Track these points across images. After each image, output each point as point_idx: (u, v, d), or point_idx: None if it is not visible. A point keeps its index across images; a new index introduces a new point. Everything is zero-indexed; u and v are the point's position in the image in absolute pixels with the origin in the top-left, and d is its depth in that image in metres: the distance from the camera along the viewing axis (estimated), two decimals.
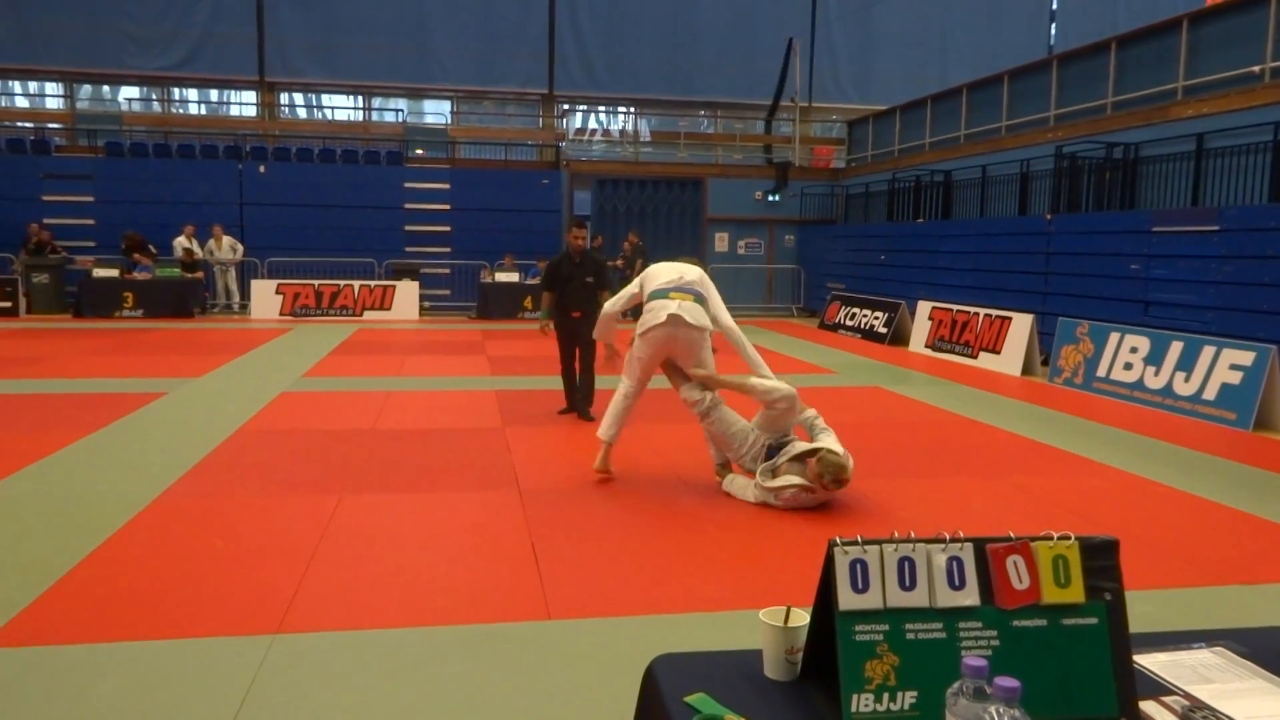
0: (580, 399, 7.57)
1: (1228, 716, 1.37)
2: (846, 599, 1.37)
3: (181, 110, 22.00)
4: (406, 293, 16.79)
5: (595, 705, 2.92)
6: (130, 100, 21.50)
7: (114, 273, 15.84)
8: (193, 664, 3.12)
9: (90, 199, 17.51)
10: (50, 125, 20.51)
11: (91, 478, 5.47)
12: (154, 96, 21.71)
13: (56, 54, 20.27)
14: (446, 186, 18.89)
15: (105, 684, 2.98)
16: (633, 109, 23.25)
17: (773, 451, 5.16)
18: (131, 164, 18.05)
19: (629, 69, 22.62)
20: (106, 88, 21.60)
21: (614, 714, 2.82)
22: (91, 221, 17.29)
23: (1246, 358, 7.83)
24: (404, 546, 4.34)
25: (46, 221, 17.13)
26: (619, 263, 17.38)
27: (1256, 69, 9.64)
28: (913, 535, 1.42)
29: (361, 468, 5.81)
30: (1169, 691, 1.45)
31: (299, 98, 22.54)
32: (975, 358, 11.54)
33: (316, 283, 16.66)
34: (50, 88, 21.41)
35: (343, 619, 3.51)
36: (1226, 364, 7.98)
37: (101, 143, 18.78)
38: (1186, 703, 1.41)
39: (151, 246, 16.57)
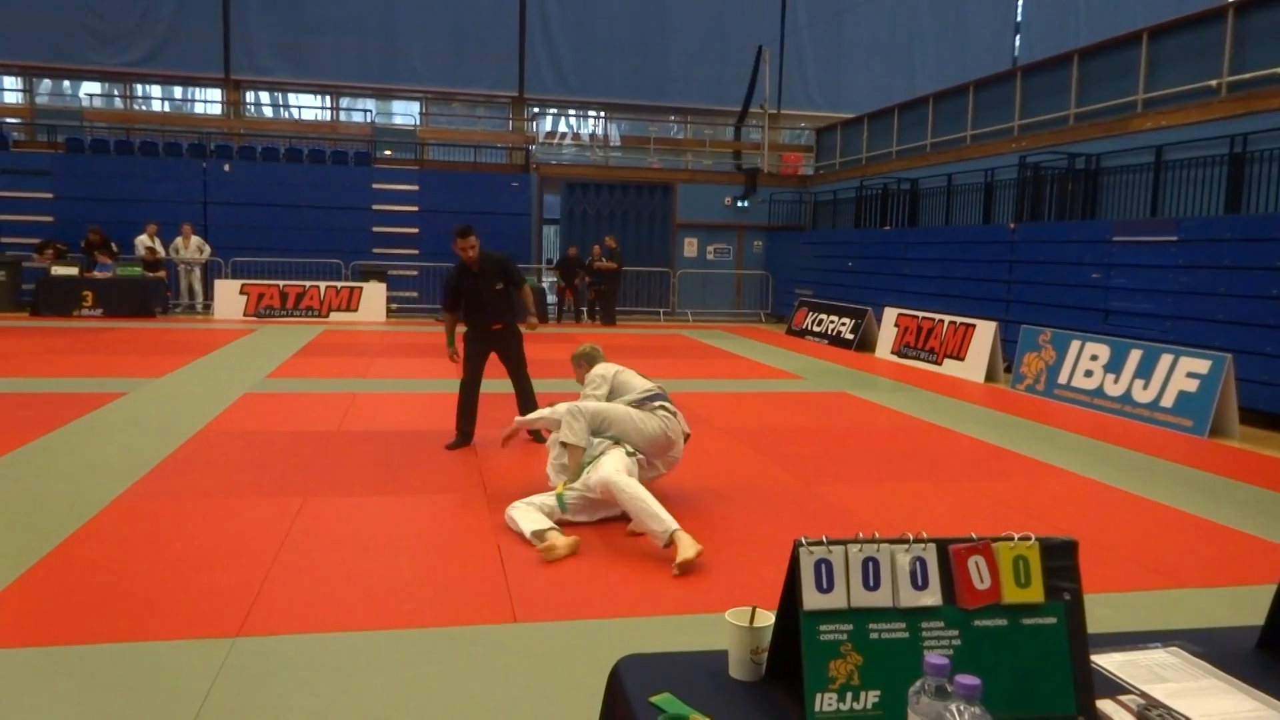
0: (524, 407, 6.68)
1: (1183, 715, 1.39)
2: (811, 599, 1.38)
3: (144, 107, 21.67)
4: (373, 294, 16.65)
5: (561, 707, 2.91)
6: (91, 96, 21.13)
7: (73, 271, 15.55)
8: (150, 668, 3.07)
9: (49, 196, 17.17)
10: (8, 120, 20.10)
11: (49, 478, 5.36)
12: (116, 92, 21.36)
13: (16, 47, 19.89)
14: (415, 188, 18.76)
15: (61, 687, 2.92)
16: (603, 113, 23.25)
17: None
18: (92, 160, 17.74)
19: (599, 73, 22.64)
20: (67, 82, 21.22)
21: (580, 716, 2.82)
22: (50, 219, 16.97)
23: (1203, 366, 7.98)
24: (368, 549, 4.30)
25: (2, 218, 16.80)
26: (597, 264, 17.27)
27: (1214, 83, 9.85)
28: (877, 536, 1.44)
29: (326, 470, 5.75)
30: (1126, 690, 1.48)
31: (265, 96, 22.30)
32: (940, 364, 11.66)
33: (282, 283, 16.47)
34: (9, 81, 20.99)
35: (305, 622, 3.47)
36: (1184, 372, 8.13)
37: (61, 138, 18.43)
38: (1143, 701, 1.43)
39: (113, 244, 16.29)
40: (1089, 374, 9.15)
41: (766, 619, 1.51)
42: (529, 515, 4.57)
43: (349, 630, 3.41)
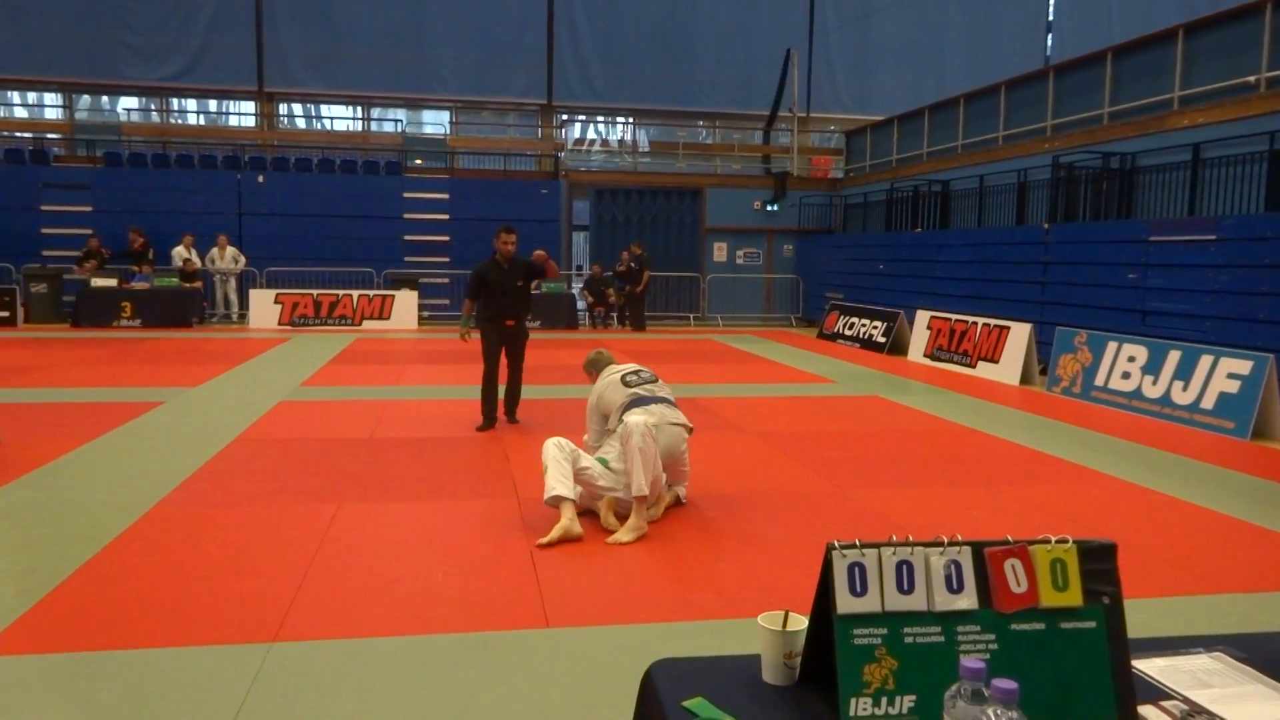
0: (510, 402, 7.69)
1: None
2: (845, 602, 1.37)
3: (180, 120, 22.04)
4: (405, 302, 16.79)
5: (594, 712, 2.91)
6: (129, 110, 21.54)
7: (112, 282, 15.84)
8: (188, 672, 3.11)
9: (89, 209, 17.52)
10: (49, 135, 20.54)
11: (88, 486, 5.45)
12: (153, 107, 21.75)
13: (56, 64, 20.31)
14: (445, 196, 18.91)
15: (100, 692, 2.96)
16: (631, 119, 23.31)
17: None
18: (130, 174, 18.08)
19: (627, 79, 22.69)
20: (105, 98, 21.64)
21: None
22: (89, 231, 17.28)
23: (1244, 367, 7.83)
24: (402, 555, 4.33)
25: (45, 231, 17.15)
26: (622, 270, 17.36)
27: (1252, 79, 9.68)
28: (911, 539, 1.42)
29: (360, 476, 5.80)
30: (1168, 696, 1.45)
31: (298, 108, 22.60)
32: (974, 367, 11.54)
33: (315, 292, 16.66)
34: (49, 98, 21.46)
35: (340, 627, 3.50)
36: (1224, 373, 7.98)
37: (100, 153, 18.80)
38: (1185, 707, 1.41)
39: (152, 251, 16.59)
40: (1126, 375, 9.01)
41: (799, 623, 1.50)
42: (559, 471, 4.67)
43: (383, 635, 3.43)
